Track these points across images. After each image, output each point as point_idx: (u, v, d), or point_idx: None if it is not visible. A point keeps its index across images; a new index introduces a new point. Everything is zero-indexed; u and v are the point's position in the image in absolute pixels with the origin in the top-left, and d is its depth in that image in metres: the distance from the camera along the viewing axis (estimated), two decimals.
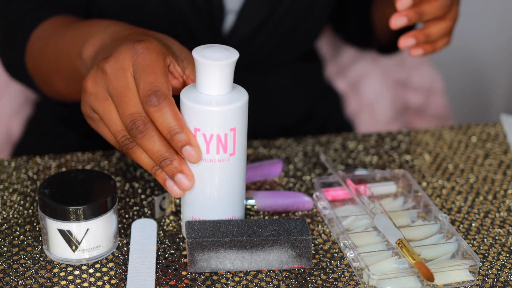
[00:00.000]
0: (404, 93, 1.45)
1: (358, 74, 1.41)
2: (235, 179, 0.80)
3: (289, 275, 0.80)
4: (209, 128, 0.76)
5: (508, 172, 0.98)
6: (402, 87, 1.44)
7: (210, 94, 0.77)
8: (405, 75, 1.44)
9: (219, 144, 0.77)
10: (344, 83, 1.41)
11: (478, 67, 1.85)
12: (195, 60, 0.76)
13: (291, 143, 1.02)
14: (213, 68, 0.75)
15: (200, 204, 0.81)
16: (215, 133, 0.76)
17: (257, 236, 0.79)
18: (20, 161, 0.96)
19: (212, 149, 0.77)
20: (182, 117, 0.76)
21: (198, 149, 0.76)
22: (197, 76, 0.77)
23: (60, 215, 0.78)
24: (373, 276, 0.77)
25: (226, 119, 0.76)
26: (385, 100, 1.41)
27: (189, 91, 0.78)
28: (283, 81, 1.22)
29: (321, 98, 1.30)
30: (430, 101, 1.46)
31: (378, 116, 1.41)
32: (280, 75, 1.22)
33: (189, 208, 0.82)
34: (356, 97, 1.41)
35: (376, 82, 1.41)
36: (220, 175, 0.79)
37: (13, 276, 0.78)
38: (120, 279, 0.79)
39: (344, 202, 0.90)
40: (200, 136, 0.77)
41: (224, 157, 0.78)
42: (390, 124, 1.40)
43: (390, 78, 1.43)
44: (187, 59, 0.81)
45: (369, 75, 1.41)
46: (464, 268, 0.79)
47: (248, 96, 0.78)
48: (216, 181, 0.79)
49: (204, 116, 0.76)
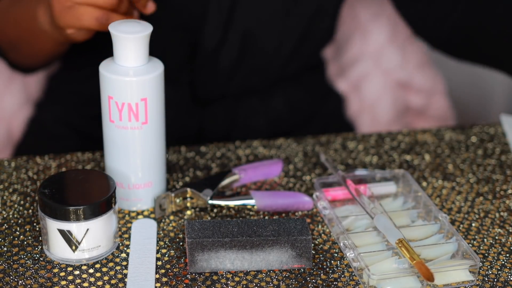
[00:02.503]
0: (405, 94, 1.45)
1: (359, 74, 1.41)
2: (149, 147, 0.86)
3: (289, 275, 0.80)
4: (121, 96, 0.83)
5: (508, 172, 0.98)
6: (403, 88, 1.44)
7: (125, 65, 0.83)
8: (406, 76, 1.44)
9: (130, 112, 0.83)
10: (345, 84, 1.41)
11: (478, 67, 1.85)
12: (112, 35, 0.82)
13: (291, 143, 1.02)
14: (127, 40, 0.82)
15: (120, 170, 0.86)
16: (126, 101, 0.83)
17: (257, 236, 0.79)
18: (20, 161, 0.96)
19: (124, 116, 0.83)
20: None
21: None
22: (114, 49, 0.83)
23: (60, 215, 0.78)
24: (373, 276, 0.77)
25: (137, 89, 0.82)
26: (386, 101, 1.41)
27: (107, 64, 0.84)
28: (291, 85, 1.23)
29: (322, 99, 1.30)
30: (432, 102, 1.46)
31: (379, 117, 1.41)
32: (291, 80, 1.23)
33: (112, 174, 0.87)
34: (357, 98, 1.41)
35: (377, 83, 1.41)
36: (133, 142, 0.85)
37: (13, 276, 0.78)
38: (120, 279, 0.79)
39: (344, 202, 0.90)
40: (113, 104, 0.83)
41: (136, 125, 0.84)
42: (391, 125, 1.40)
43: (392, 79, 1.43)
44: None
45: (371, 76, 1.41)
46: (464, 268, 0.79)
47: (163, 68, 0.84)
48: (130, 147, 0.85)
49: (116, 85, 0.83)
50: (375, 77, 1.41)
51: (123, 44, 0.82)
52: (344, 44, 1.42)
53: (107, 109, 0.84)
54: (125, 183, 0.87)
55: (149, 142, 0.86)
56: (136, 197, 0.88)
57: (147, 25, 0.83)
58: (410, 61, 1.44)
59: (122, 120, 0.84)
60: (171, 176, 0.95)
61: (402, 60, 1.43)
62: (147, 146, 0.86)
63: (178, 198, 0.88)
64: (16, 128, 1.28)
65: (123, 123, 0.84)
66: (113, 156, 0.86)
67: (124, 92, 0.83)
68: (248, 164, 0.94)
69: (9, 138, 1.28)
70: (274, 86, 1.21)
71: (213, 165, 0.97)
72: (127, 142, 0.85)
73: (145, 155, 0.86)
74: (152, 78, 0.83)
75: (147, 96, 0.83)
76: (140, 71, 0.83)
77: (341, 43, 1.42)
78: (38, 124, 1.24)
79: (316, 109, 1.27)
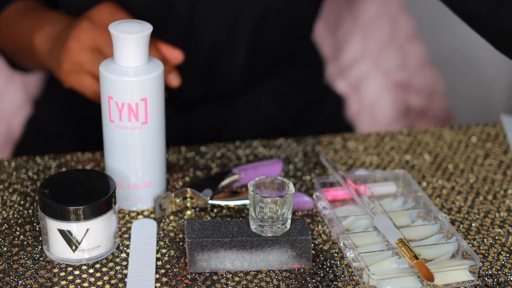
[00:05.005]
0: (405, 95, 1.44)
1: (359, 75, 1.41)
2: (149, 147, 0.86)
3: (289, 275, 0.80)
4: (120, 96, 0.83)
5: (508, 172, 0.98)
6: (403, 89, 1.44)
7: (125, 65, 0.83)
8: (406, 76, 1.44)
9: (130, 112, 0.83)
10: (345, 84, 1.41)
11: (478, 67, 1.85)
12: (112, 35, 0.82)
13: (291, 143, 1.02)
14: (127, 41, 0.82)
15: (120, 170, 0.86)
16: (126, 101, 0.83)
17: (257, 236, 0.79)
18: (20, 161, 0.96)
19: (124, 116, 0.83)
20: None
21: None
22: (114, 49, 0.83)
23: (60, 215, 0.78)
24: (373, 276, 0.77)
25: (137, 89, 0.82)
26: (386, 102, 1.41)
27: (107, 63, 0.84)
28: (284, 83, 1.22)
29: (321, 99, 1.30)
30: (432, 103, 1.46)
31: (379, 118, 1.41)
32: (280, 77, 1.22)
33: (112, 174, 0.87)
34: (357, 98, 1.41)
35: (377, 83, 1.41)
36: (133, 142, 0.85)
37: (13, 276, 0.78)
38: (120, 279, 0.79)
39: (344, 202, 0.90)
40: (113, 104, 0.83)
41: (136, 125, 0.84)
42: (391, 126, 1.40)
43: (392, 79, 1.43)
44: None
45: (370, 77, 1.41)
46: (464, 268, 0.79)
47: (163, 68, 0.84)
48: (130, 147, 0.85)
49: (116, 85, 0.83)
50: (375, 78, 1.41)
51: (123, 44, 0.82)
52: (344, 44, 1.42)
53: (107, 109, 0.84)
54: (125, 183, 0.87)
55: (149, 142, 0.86)
56: (136, 197, 0.88)
57: (147, 25, 0.83)
58: (410, 62, 1.44)
59: (122, 120, 0.84)
60: (171, 176, 0.95)
61: (402, 60, 1.43)
62: (147, 146, 0.86)
63: (178, 198, 0.88)
64: (16, 127, 1.28)
65: (123, 123, 0.84)
66: (113, 156, 0.86)
67: (124, 92, 0.83)
68: (248, 164, 0.94)
69: (9, 138, 1.28)
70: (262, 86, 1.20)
71: (213, 165, 0.97)
72: (127, 142, 0.85)
73: (145, 155, 0.86)
74: (152, 78, 0.83)
75: (147, 96, 0.83)
76: (140, 71, 0.83)
77: (341, 43, 1.42)
78: (38, 124, 1.24)
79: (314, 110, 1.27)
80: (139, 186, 0.87)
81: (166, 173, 0.90)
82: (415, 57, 1.45)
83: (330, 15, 1.43)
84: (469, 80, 1.87)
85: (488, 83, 1.86)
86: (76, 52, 0.95)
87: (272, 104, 1.21)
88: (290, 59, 1.22)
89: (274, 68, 1.20)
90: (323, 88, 1.31)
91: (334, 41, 1.43)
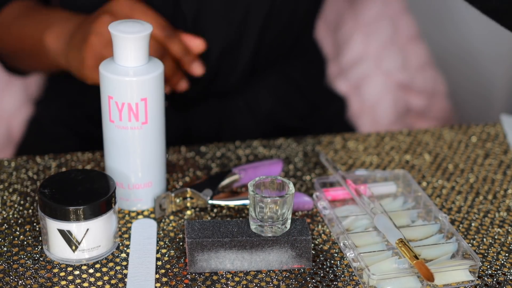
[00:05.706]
0: (406, 95, 1.44)
1: (360, 75, 1.41)
2: (149, 147, 0.86)
3: (289, 275, 0.80)
4: (121, 96, 0.82)
5: (508, 172, 0.98)
6: (404, 90, 1.44)
7: (125, 65, 0.83)
8: (407, 77, 1.44)
9: (130, 112, 0.83)
10: (346, 85, 1.41)
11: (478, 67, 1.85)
12: (112, 35, 0.82)
13: (291, 143, 1.02)
14: (127, 40, 0.82)
15: (120, 170, 0.86)
16: (126, 101, 0.83)
17: (257, 236, 0.79)
18: (20, 161, 0.96)
19: (124, 116, 0.83)
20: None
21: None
22: (114, 49, 0.83)
23: (60, 215, 0.78)
24: (373, 276, 0.77)
25: (137, 89, 0.82)
26: (387, 103, 1.41)
27: (107, 63, 0.84)
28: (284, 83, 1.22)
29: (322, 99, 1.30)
30: (433, 103, 1.46)
31: (379, 119, 1.41)
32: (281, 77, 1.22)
33: (112, 174, 0.87)
34: (358, 99, 1.41)
35: (378, 84, 1.41)
36: (133, 142, 0.85)
37: (13, 276, 0.78)
38: (120, 279, 0.79)
39: (344, 202, 0.90)
40: (113, 104, 0.83)
41: (136, 125, 0.84)
42: (392, 126, 1.40)
43: (392, 80, 1.43)
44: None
45: (371, 77, 1.41)
46: (464, 268, 0.79)
47: (163, 68, 0.84)
48: (130, 147, 0.85)
49: (116, 85, 0.82)
50: (376, 79, 1.41)
51: (123, 44, 0.82)
52: (345, 44, 1.42)
53: (107, 109, 0.84)
54: (125, 183, 0.87)
55: (149, 142, 0.86)
56: (136, 197, 0.88)
57: (147, 25, 0.83)
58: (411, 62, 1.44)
59: (122, 120, 0.84)
60: (171, 176, 0.95)
61: (403, 61, 1.43)
62: (147, 146, 0.86)
63: (178, 198, 0.88)
64: (16, 127, 1.28)
65: (123, 123, 0.84)
66: (113, 156, 0.87)
67: (124, 92, 0.83)
68: (248, 164, 0.94)
69: (9, 138, 1.29)
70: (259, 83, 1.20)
71: (213, 165, 0.97)
72: (127, 142, 0.85)
73: (145, 155, 0.86)
74: (152, 78, 0.83)
75: (147, 96, 0.83)
76: (140, 71, 0.83)
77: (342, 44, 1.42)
78: (38, 124, 1.24)
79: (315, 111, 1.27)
80: (139, 186, 0.87)
81: (166, 173, 0.90)
82: (416, 57, 1.45)
83: (331, 15, 1.43)
84: (470, 81, 1.87)
85: (488, 83, 1.86)
86: (99, 47, 0.95)
87: (273, 100, 1.21)
88: (290, 56, 1.22)
89: (273, 65, 1.20)
90: (324, 90, 1.31)
91: (335, 41, 1.43)
